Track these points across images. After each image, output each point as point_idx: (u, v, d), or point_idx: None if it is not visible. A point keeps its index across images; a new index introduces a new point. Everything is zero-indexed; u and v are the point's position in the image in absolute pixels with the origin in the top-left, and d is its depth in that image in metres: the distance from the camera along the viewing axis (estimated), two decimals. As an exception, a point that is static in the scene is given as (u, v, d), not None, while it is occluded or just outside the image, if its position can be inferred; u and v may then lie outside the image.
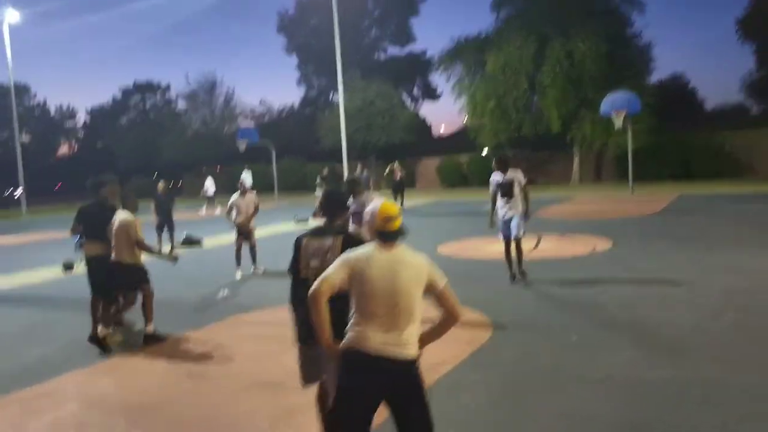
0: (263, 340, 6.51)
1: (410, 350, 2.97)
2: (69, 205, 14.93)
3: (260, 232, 16.94)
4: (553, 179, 31.33)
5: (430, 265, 3.11)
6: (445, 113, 75.86)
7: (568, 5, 27.90)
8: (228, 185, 33.12)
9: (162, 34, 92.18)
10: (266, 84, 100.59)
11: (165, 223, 13.48)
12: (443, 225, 17.01)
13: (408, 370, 2.98)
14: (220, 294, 9.01)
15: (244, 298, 8.76)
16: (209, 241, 15.19)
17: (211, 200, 26.89)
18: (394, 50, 48.82)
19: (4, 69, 70.99)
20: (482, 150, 33.02)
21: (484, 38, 31.25)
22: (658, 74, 50.08)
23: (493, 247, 12.28)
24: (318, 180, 21.75)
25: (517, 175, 8.34)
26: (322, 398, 3.62)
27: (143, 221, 6.77)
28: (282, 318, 4.56)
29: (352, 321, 3.00)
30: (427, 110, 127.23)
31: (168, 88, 58.18)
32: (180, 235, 14.51)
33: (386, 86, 36.93)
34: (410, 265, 3.03)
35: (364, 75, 41.25)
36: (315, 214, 20.15)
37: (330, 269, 3.00)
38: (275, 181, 32.35)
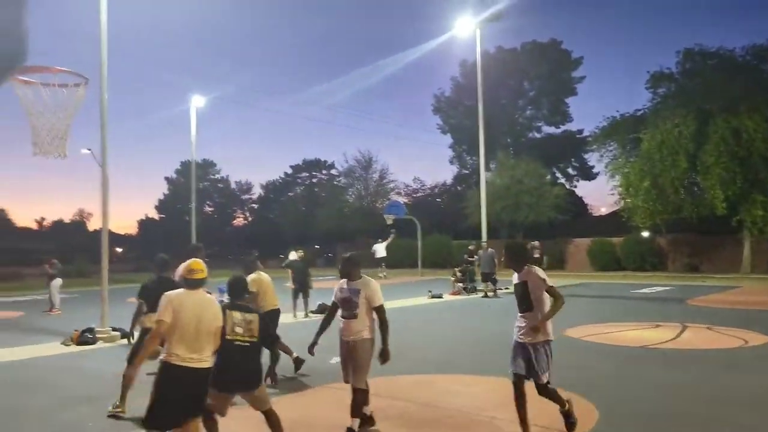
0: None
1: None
2: (230, 271, 16.42)
3: (394, 304, 17.32)
4: (719, 266, 28.54)
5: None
6: (604, 193, 72.90)
7: (733, 80, 26.09)
8: (368, 257, 34.25)
9: (329, 116, 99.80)
10: (422, 162, 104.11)
11: (301, 290, 14.24)
12: (581, 307, 16.16)
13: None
14: (333, 360, 9.26)
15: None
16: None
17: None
18: (549, 129, 48.53)
19: (197, 148, 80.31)
20: (639, 232, 31.21)
21: (640, 116, 30.06)
22: None
23: (625, 335, 11.51)
24: (465, 256, 21.69)
25: (533, 275, 5.37)
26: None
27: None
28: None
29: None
30: (586, 190, 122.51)
31: (333, 165, 62.31)
32: (315, 302, 15.18)
33: (535, 164, 36.60)
34: (211, 306, 4.58)
35: (517, 153, 41.26)
36: (462, 288, 20.02)
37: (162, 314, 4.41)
38: (419, 256, 32.91)
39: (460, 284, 20.52)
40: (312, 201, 53.95)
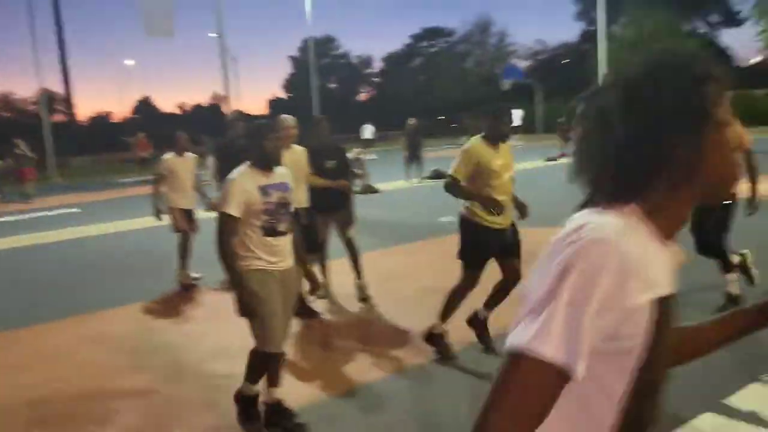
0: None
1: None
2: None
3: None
4: None
5: None
6: (752, 41, 63.96)
7: None
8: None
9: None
10: (545, 22, 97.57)
11: (413, 157, 15.03)
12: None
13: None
14: (444, 219, 10.10)
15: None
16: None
17: None
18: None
19: (318, 24, 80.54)
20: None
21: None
22: None
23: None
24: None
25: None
26: None
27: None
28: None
29: None
30: (732, 38, 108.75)
31: (453, 32, 60.51)
32: (428, 169, 15.97)
33: (669, 15, 33.53)
34: None
35: (653, 3, 37.69)
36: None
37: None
38: (537, 121, 32.36)
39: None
40: (433, 71, 53.38)
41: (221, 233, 3.24)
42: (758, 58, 43.63)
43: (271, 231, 3.30)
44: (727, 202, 4.66)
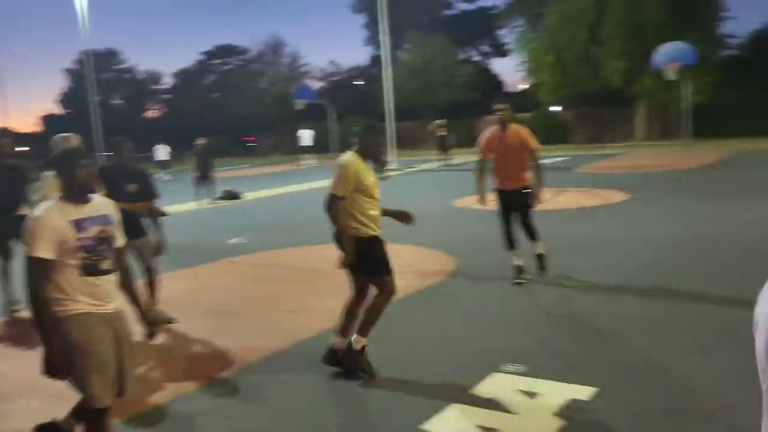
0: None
1: None
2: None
3: (293, 188, 17.75)
4: (618, 137, 30.27)
5: None
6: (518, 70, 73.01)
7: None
8: (289, 144, 34.32)
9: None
10: (337, 45, 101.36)
11: (204, 178, 14.49)
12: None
13: None
14: (233, 240, 9.84)
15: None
16: (249, 195, 16.15)
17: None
18: (464, 6, 48.02)
19: (97, 36, 75.11)
20: (548, 108, 32.21)
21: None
22: (749, 25, 45.95)
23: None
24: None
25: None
26: None
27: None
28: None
29: None
30: (502, 67, 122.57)
31: (247, 50, 59.76)
32: (219, 190, 15.47)
33: (446, 43, 36.63)
34: None
35: (433, 32, 40.82)
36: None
37: None
38: (332, 141, 33.15)
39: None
40: (226, 89, 52.26)
41: (30, 279, 2.76)
42: (524, 85, 49.61)
43: (92, 269, 2.84)
44: (526, 190, 6.28)
